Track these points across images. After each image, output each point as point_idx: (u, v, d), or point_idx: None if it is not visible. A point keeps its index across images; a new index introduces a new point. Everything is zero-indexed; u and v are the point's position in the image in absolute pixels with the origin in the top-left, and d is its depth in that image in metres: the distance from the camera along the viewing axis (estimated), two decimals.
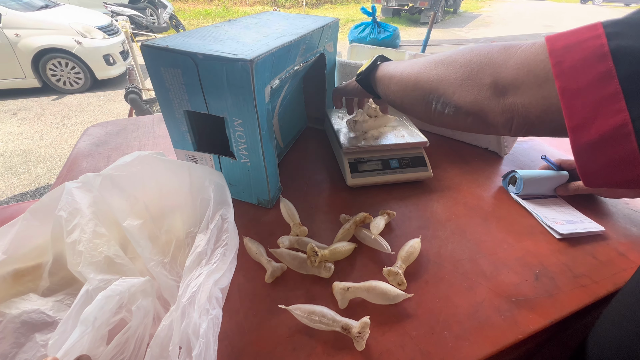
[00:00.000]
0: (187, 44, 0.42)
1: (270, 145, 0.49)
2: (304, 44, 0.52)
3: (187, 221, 0.38)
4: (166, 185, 0.39)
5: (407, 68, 0.41)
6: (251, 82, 0.38)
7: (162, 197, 0.39)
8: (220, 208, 0.39)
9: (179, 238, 0.38)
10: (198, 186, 0.40)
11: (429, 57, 0.38)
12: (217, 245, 0.35)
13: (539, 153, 0.72)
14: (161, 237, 0.37)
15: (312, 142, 0.73)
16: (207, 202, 0.38)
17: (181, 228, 0.38)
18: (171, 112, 0.46)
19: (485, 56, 0.32)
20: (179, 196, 0.39)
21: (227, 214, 0.38)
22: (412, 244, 0.44)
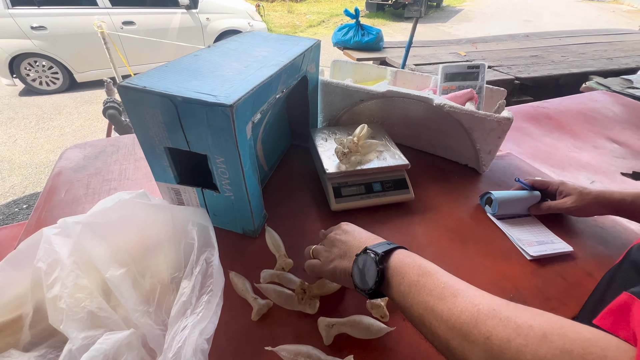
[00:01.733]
0: (166, 83, 0.41)
1: (254, 178, 0.49)
2: (286, 72, 0.53)
3: (172, 265, 0.39)
4: (148, 230, 0.39)
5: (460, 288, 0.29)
6: (232, 125, 0.39)
7: (144, 242, 0.39)
8: (204, 251, 0.39)
9: (164, 283, 0.38)
10: (181, 229, 0.40)
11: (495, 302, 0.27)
12: (202, 292, 0.36)
13: (515, 169, 0.75)
14: (145, 284, 0.37)
15: (297, 162, 0.73)
16: (191, 246, 0.39)
17: (166, 273, 0.38)
18: (151, 148, 0.46)
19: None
20: (162, 240, 0.39)
21: (211, 256, 0.39)
22: None
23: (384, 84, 0.71)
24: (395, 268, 0.32)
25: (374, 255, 0.33)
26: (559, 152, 1.02)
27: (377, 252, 0.33)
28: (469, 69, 0.72)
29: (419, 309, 0.29)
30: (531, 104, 1.33)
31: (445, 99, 0.64)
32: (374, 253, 0.33)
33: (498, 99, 0.76)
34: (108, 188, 0.63)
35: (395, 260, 0.33)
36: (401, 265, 0.32)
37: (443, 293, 0.28)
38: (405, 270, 0.32)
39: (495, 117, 0.61)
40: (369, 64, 0.85)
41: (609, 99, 1.41)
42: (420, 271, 0.31)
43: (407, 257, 0.33)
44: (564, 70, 1.85)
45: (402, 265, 0.32)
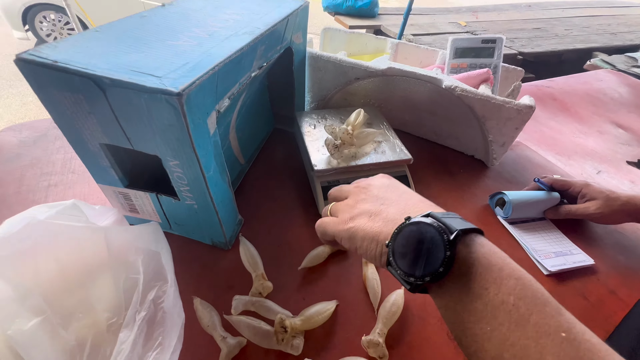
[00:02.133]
0: (91, 57, 0.29)
1: (223, 182, 0.39)
2: (264, 43, 0.41)
3: (108, 307, 0.29)
4: (73, 263, 0.29)
5: None
6: (183, 121, 0.28)
7: (67, 280, 0.29)
8: (153, 286, 0.30)
9: (99, 331, 0.29)
10: (120, 259, 0.30)
11: None
12: (149, 347, 0.27)
13: (526, 163, 0.67)
14: (69, 337, 0.28)
15: (280, 150, 0.63)
16: (134, 282, 0.29)
17: (100, 317, 0.29)
18: (82, 144, 0.35)
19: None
20: (94, 274, 0.29)
21: (162, 295, 0.30)
22: (394, 299, 0.38)
23: (384, 59, 0.59)
24: (473, 267, 0.20)
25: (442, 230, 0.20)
26: (564, 138, 0.96)
27: (451, 226, 0.20)
28: (483, 43, 0.61)
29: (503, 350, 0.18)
30: (535, 82, 1.24)
31: (456, 80, 0.54)
32: (443, 227, 0.20)
33: (513, 80, 0.66)
34: (47, 184, 0.51)
35: (477, 251, 0.20)
36: (487, 267, 0.19)
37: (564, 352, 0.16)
38: (493, 276, 0.19)
39: (514, 105, 0.51)
40: (366, 34, 0.72)
41: (614, 78, 1.34)
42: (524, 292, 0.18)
43: (496, 255, 0.20)
44: (568, 45, 1.75)
45: (488, 267, 0.19)
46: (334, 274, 0.43)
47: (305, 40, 0.58)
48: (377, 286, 0.40)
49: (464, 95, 0.53)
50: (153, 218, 0.43)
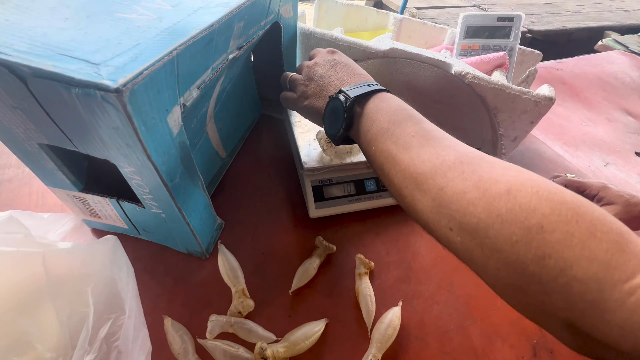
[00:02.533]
0: (8, 34, 0.22)
1: (195, 188, 0.33)
2: (242, 19, 0.34)
3: (51, 347, 0.24)
4: (4, 296, 0.24)
5: None
6: (129, 123, 0.22)
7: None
8: (106, 320, 0.25)
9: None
10: (64, 289, 0.25)
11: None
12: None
13: (536, 157, 0.62)
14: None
15: (268, 140, 0.57)
16: (82, 316, 0.24)
17: (41, 359, 0.24)
18: (17, 144, 0.28)
19: None
20: (30, 311, 0.24)
21: (117, 331, 0.25)
22: (389, 319, 0.34)
23: (386, 37, 0.52)
24: (367, 114, 0.29)
25: (344, 99, 0.29)
26: (572, 126, 0.91)
27: (349, 95, 0.29)
28: (499, 21, 0.54)
29: (380, 157, 0.27)
30: (544, 64, 1.17)
31: (467, 66, 0.47)
32: (345, 96, 0.30)
33: (528, 65, 0.59)
34: (0, 179, 0.45)
35: (370, 105, 0.29)
36: (375, 111, 0.28)
37: (410, 142, 0.25)
38: (377, 116, 0.28)
39: (532, 96, 0.45)
40: (366, 7, 0.64)
41: (627, 61, 1.27)
42: (394, 118, 0.27)
43: (384, 102, 0.29)
44: (580, 23, 1.64)
45: (375, 110, 0.28)
46: (323, 288, 0.39)
47: (296, 14, 0.50)
48: (371, 303, 0.36)
49: (476, 83, 0.47)
50: (118, 224, 0.38)
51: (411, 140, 0.25)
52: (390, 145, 0.26)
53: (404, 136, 0.25)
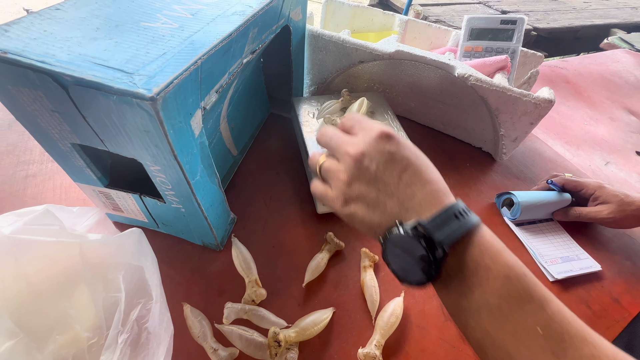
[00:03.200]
0: (48, 45, 0.25)
1: (212, 185, 0.35)
2: (257, 25, 0.36)
3: (88, 327, 0.27)
4: (45, 282, 0.26)
5: None
6: (160, 127, 0.24)
7: (39, 300, 0.26)
8: (136, 304, 0.28)
9: (77, 354, 0.27)
10: (99, 275, 0.27)
11: None
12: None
13: (536, 157, 0.63)
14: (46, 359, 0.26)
15: (276, 138, 0.59)
16: (115, 300, 0.27)
17: (79, 339, 0.27)
18: (51, 144, 0.31)
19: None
20: (69, 295, 0.27)
21: (146, 314, 0.27)
22: (392, 309, 0.36)
23: (392, 39, 0.54)
24: (464, 272, 0.21)
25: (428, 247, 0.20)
26: (574, 125, 0.92)
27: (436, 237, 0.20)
28: (502, 24, 0.55)
29: (485, 340, 0.20)
30: (548, 62, 1.17)
31: (470, 68, 0.49)
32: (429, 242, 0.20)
33: (530, 67, 0.61)
34: (25, 175, 0.48)
35: (467, 258, 0.21)
36: (475, 270, 0.20)
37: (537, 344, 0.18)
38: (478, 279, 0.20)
39: (532, 98, 0.47)
40: (372, 9, 0.65)
41: (631, 59, 1.27)
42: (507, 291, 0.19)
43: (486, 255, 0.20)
44: (586, 20, 1.64)
45: (476, 269, 0.20)
46: (331, 279, 0.41)
47: (304, 17, 0.52)
48: (375, 294, 0.38)
49: (478, 85, 0.48)
50: (138, 217, 0.40)
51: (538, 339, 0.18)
52: (503, 335, 0.19)
53: (525, 329, 0.19)
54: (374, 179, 0.24)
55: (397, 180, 0.23)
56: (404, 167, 0.24)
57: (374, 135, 0.24)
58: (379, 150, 0.24)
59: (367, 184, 0.24)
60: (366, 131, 0.25)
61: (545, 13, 1.67)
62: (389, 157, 0.24)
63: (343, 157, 0.25)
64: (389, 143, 0.24)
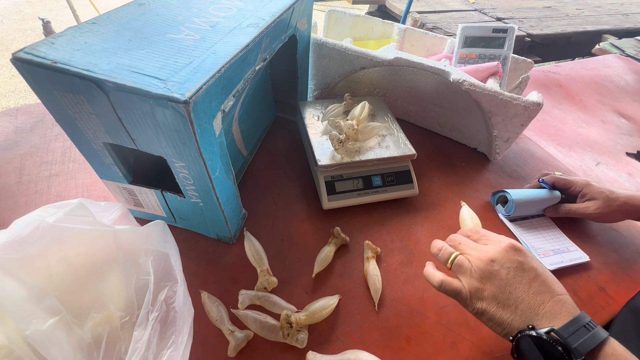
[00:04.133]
0: (91, 55, 0.28)
1: (228, 181, 0.39)
2: (269, 36, 0.39)
3: (120, 307, 0.30)
4: (84, 265, 0.30)
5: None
6: (190, 127, 0.27)
7: (79, 281, 0.29)
8: (164, 287, 0.31)
9: (112, 329, 0.30)
10: (131, 260, 0.30)
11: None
12: (162, 346, 0.28)
13: (528, 156, 0.67)
14: (86, 335, 0.29)
15: (282, 140, 0.62)
16: (145, 282, 0.30)
17: (113, 317, 0.30)
18: (85, 143, 0.34)
19: None
20: (105, 274, 0.30)
21: (173, 295, 0.30)
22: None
23: (391, 47, 0.57)
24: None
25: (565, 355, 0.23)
26: (567, 127, 0.95)
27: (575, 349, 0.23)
28: (494, 32, 0.59)
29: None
30: (542, 67, 1.21)
31: (464, 74, 0.52)
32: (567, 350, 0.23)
33: (521, 72, 0.64)
34: (48, 174, 0.51)
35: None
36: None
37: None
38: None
39: (522, 102, 0.50)
40: (372, 18, 0.69)
41: (622, 64, 1.31)
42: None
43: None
44: (578, 27, 1.69)
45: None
46: (337, 269, 0.44)
47: (310, 27, 0.55)
48: (377, 282, 0.41)
49: (472, 89, 0.52)
50: (157, 212, 0.43)
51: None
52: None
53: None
54: (505, 282, 0.27)
55: (527, 288, 0.27)
56: (533, 277, 0.27)
57: (503, 246, 0.29)
58: (509, 259, 0.28)
59: (497, 286, 0.27)
60: (496, 242, 0.30)
61: (539, 20, 1.72)
62: (518, 266, 0.28)
63: (475, 260, 0.29)
64: (518, 254, 0.29)
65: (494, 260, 0.28)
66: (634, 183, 0.73)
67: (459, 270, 0.30)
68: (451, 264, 0.31)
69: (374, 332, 0.38)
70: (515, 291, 0.27)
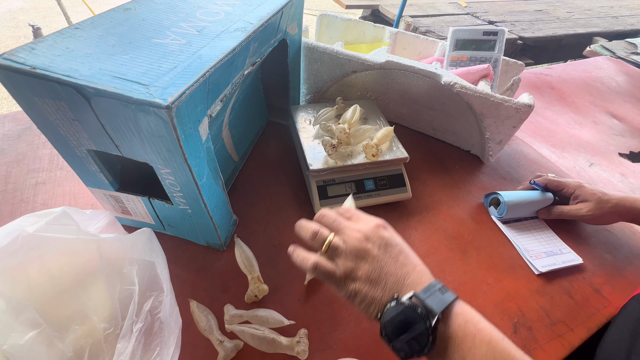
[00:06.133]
0: (71, 61, 0.27)
1: (217, 187, 0.38)
2: (257, 40, 0.39)
3: (104, 319, 0.29)
4: (66, 276, 0.29)
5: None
6: (173, 133, 0.27)
7: (60, 292, 0.29)
8: (149, 297, 0.30)
9: (95, 343, 0.29)
10: (115, 270, 0.30)
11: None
12: (147, 358, 0.27)
13: (521, 158, 0.67)
14: (67, 348, 0.28)
15: (274, 145, 0.62)
16: (130, 292, 0.29)
17: (96, 329, 0.29)
18: (68, 150, 0.33)
19: None
20: (87, 288, 0.29)
21: (158, 305, 0.30)
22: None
23: (382, 51, 0.57)
24: (453, 339, 0.24)
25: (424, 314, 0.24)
26: (559, 129, 0.96)
27: (431, 309, 0.24)
28: (484, 35, 0.59)
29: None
30: (534, 70, 1.22)
31: (455, 77, 0.52)
32: (425, 310, 0.24)
33: (512, 74, 0.64)
34: (34, 182, 0.50)
35: (454, 325, 0.24)
36: (463, 337, 0.24)
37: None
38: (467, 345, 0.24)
39: (513, 104, 0.50)
40: (364, 22, 0.69)
41: (613, 66, 1.33)
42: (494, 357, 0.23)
43: (470, 323, 0.25)
44: (569, 29, 1.71)
45: (464, 336, 0.24)
46: None
47: (300, 31, 0.55)
48: None
49: (463, 92, 0.52)
50: (146, 220, 0.42)
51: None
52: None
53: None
54: (377, 259, 0.28)
55: (395, 262, 0.28)
56: (399, 252, 0.29)
57: (374, 224, 0.30)
58: (379, 236, 0.29)
59: (370, 263, 0.28)
60: (367, 220, 0.31)
61: (530, 23, 1.74)
62: (387, 242, 0.29)
63: (349, 239, 0.29)
64: (386, 230, 0.30)
65: (367, 238, 0.29)
66: (627, 183, 0.73)
67: (334, 254, 0.29)
68: (327, 249, 0.29)
69: (368, 340, 0.38)
70: (386, 266, 0.28)
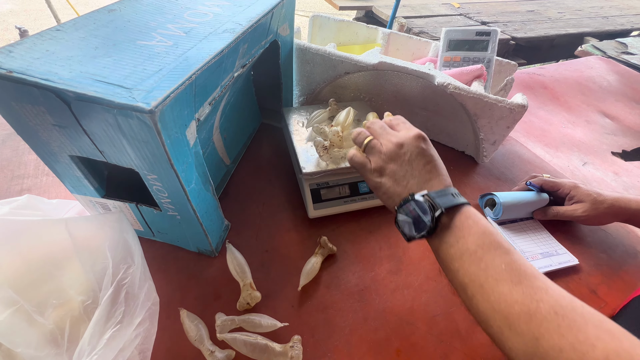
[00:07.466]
0: (50, 64, 0.26)
1: (206, 192, 0.37)
2: (246, 41, 0.38)
3: (81, 292, 0.29)
4: (37, 256, 0.28)
5: None
6: (158, 138, 0.26)
7: (33, 272, 0.28)
8: (121, 269, 0.29)
9: (75, 316, 0.28)
10: (86, 247, 0.29)
11: None
12: (108, 327, 0.26)
13: (516, 158, 0.67)
14: (47, 321, 0.27)
15: (267, 147, 0.61)
16: (104, 266, 0.29)
17: (75, 302, 0.29)
18: (51, 156, 0.32)
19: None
20: (61, 266, 0.29)
21: (126, 277, 0.29)
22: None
23: (375, 52, 0.57)
24: (453, 229, 0.28)
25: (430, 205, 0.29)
26: (553, 128, 0.96)
27: (438, 204, 0.28)
28: (477, 35, 0.59)
29: (465, 278, 0.27)
30: (526, 70, 1.23)
31: (449, 77, 0.52)
32: (431, 203, 0.29)
33: (506, 75, 0.64)
34: (19, 189, 0.48)
35: (457, 220, 0.29)
36: (461, 227, 0.28)
37: (500, 275, 0.25)
38: (463, 233, 0.28)
39: (507, 104, 0.50)
40: (357, 23, 0.69)
41: (604, 65, 1.34)
42: (482, 242, 0.27)
43: (470, 219, 0.29)
44: (561, 29, 1.72)
45: (462, 227, 0.28)
46: (324, 281, 0.42)
47: (292, 32, 0.54)
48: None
49: (457, 92, 0.51)
50: (134, 226, 0.41)
51: (502, 273, 0.25)
52: (477, 271, 0.26)
53: (493, 266, 0.26)
54: (406, 162, 0.32)
55: (422, 168, 0.32)
56: (428, 161, 0.33)
57: (412, 134, 0.34)
58: (415, 145, 0.33)
59: (399, 165, 0.33)
60: (407, 130, 0.35)
61: (522, 23, 1.76)
62: (420, 152, 0.33)
63: (386, 143, 0.34)
64: (423, 142, 0.34)
65: (402, 144, 0.33)
66: (620, 182, 0.73)
67: (371, 152, 0.35)
68: (364, 147, 0.36)
69: (363, 346, 0.37)
70: (411, 170, 0.32)
